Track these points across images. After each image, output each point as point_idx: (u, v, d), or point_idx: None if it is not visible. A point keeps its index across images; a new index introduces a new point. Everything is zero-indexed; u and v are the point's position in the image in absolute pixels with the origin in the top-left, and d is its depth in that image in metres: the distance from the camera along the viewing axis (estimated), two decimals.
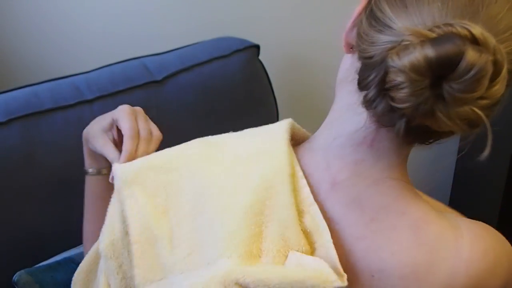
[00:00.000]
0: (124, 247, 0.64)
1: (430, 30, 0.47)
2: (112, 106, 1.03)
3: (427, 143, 0.56)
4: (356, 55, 0.56)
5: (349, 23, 0.58)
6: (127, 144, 0.69)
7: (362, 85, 0.52)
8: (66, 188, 0.98)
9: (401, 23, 0.50)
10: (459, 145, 1.70)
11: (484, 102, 0.47)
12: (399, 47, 0.47)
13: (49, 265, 0.90)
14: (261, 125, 0.68)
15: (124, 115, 0.72)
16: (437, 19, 0.49)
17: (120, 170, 0.65)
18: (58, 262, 0.91)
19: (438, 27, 0.47)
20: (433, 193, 1.75)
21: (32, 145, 0.94)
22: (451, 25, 0.46)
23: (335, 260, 0.54)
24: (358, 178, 0.57)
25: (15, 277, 0.87)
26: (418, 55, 0.45)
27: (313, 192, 0.58)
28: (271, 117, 1.24)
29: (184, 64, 1.11)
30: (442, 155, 1.72)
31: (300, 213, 0.56)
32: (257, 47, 1.21)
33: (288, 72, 1.44)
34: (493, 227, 0.59)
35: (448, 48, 0.45)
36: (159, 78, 1.08)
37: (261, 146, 0.62)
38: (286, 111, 1.32)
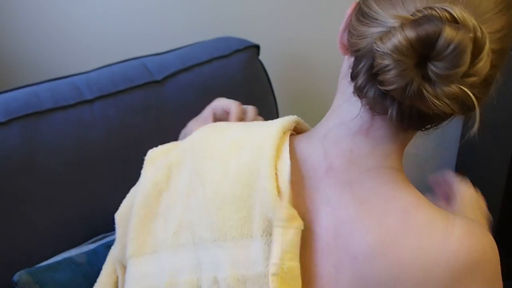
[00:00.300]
0: (128, 219, 0.72)
1: (412, 15, 0.50)
2: (112, 106, 1.03)
3: (424, 129, 0.58)
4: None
5: (341, 25, 0.61)
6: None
7: (353, 75, 0.56)
8: (66, 188, 0.98)
9: (387, 14, 0.53)
10: (459, 145, 1.70)
11: (470, 80, 0.50)
12: (383, 33, 0.51)
13: (49, 265, 0.90)
14: None
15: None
16: (419, 6, 0.52)
17: (148, 153, 0.75)
18: (58, 262, 0.91)
19: (419, 11, 0.50)
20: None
21: (32, 145, 0.94)
22: (431, 8, 0.49)
23: (295, 249, 0.57)
24: (352, 165, 0.59)
25: (15, 277, 0.87)
26: (399, 37, 0.49)
27: (307, 175, 0.60)
28: (271, 117, 1.23)
29: (184, 64, 1.11)
30: (442, 155, 1.72)
31: (280, 193, 0.59)
32: (257, 47, 1.21)
33: (288, 72, 1.44)
34: (494, 226, 0.59)
35: (427, 28, 0.48)
36: (159, 78, 1.08)
37: (255, 133, 0.65)
38: (286, 111, 1.32)
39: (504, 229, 1.45)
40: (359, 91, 0.55)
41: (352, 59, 0.58)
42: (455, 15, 0.48)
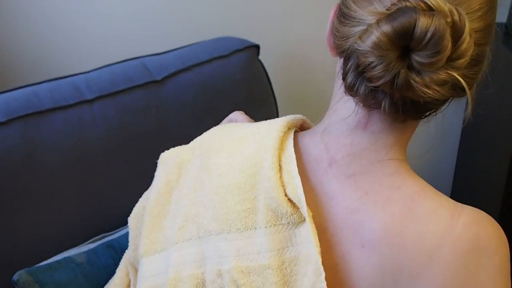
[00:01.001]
0: (141, 220, 0.74)
1: (387, 9, 0.51)
2: (112, 106, 1.03)
3: (423, 117, 0.58)
4: None
5: (327, 28, 0.62)
6: None
7: (343, 75, 0.56)
8: (66, 188, 0.98)
9: (365, 11, 0.54)
10: (459, 145, 1.70)
11: (456, 63, 0.50)
12: (361, 32, 0.52)
13: (49, 265, 0.90)
14: None
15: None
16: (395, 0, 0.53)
17: (160, 156, 0.76)
18: (58, 262, 0.91)
19: (394, 4, 0.51)
20: None
21: (32, 145, 0.94)
22: (405, 0, 0.50)
23: (313, 238, 0.57)
24: (354, 157, 0.59)
25: (15, 276, 0.87)
26: (377, 33, 0.49)
27: (310, 168, 0.61)
28: (271, 117, 1.23)
29: (184, 64, 1.12)
30: (442, 155, 1.72)
31: (284, 184, 0.59)
32: (257, 47, 1.21)
33: (288, 72, 1.44)
34: (497, 222, 0.59)
35: (401, 20, 0.49)
36: (159, 78, 1.08)
37: (261, 127, 0.66)
38: (286, 111, 1.32)
39: (505, 229, 1.45)
40: (350, 90, 0.56)
41: (341, 59, 0.59)
42: (428, 2, 0.49)
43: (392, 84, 0.51)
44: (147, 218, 0.71)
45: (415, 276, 0.55)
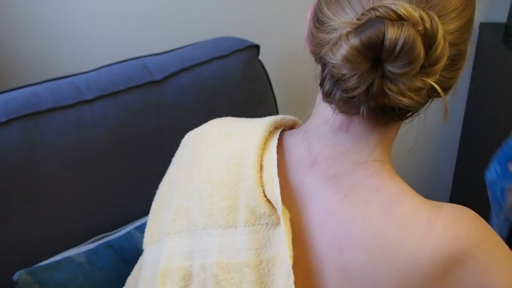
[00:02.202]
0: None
1: (358, 19, 0.50)
2: (112, 106, 1.03)
3: (403, 119, 0.57)
4: None
5: (305, 31, 0.62)
6: None
7: (320, 82, 0.55)
8: (66, 188, 0.98)
9: (337, 19, 0.53)
10: (459, 145, 1.70)
11: (432, 69, 0.49)
12: (332, 44, 0.50)
13: (48, 265, 0.90)
14: None
15: None
16: (365, 5, 0.52)
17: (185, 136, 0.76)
18: (58, 262, 0.91)
19: (363, 14, 0.50)
20: (433, 193, 1.75)
21: (32, 145, 0.94)
22: (374, 9, 0.49)
23: (285, 240, 0.57)
24: (336, 158, 0.59)
25: (15, 276, 0.87)
26: (346, 47, 0.48)
27: (292, 168, 0.61)
28: None
29: (184, 64, 1.11)
30: (442, 155, 1.72)
31: (264, 184, 0.59)
32: (257, 47, 1.21)
33: (288, 72, 1.44)
34: (479, 216, 0.57)
35: (369, 33, 0.47)
36: (159, 78, 1.08)
37: (250, 123, 0.66)
38: (286, 111, 1.31)
39: None
40: (327, 97, 0.55)
41: (319, 65, 0.58)
42: (398, 11, 0.48)
43: (367, 94, 0.51)
44: (152, 209, 0.74)
45: (398, 283, 0.54)
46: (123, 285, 0.83)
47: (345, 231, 0.56)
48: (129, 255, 0.96)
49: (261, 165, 0.60)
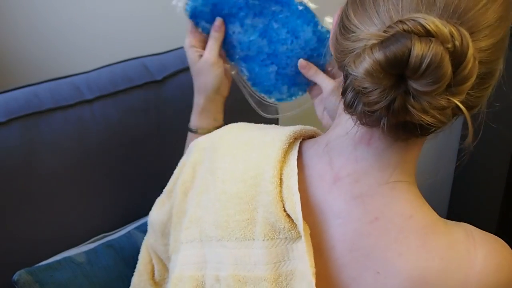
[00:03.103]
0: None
1: (385, 31, 0.48)
2: (112, 106, 1.03)
3: (426, 135, 0.55)
4: None
5: (331, 33, 0.59)
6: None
7: (342, 92, 0.53)
8: (66, 188, 0.98)
9: (364, 28, 0.51)
10: (459, 145, 1.70)
11: (458, 89, 0.47)
12: (355, 55, 0.48)
13: (49, 265, 0.90)
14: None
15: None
16: (394, 16, 0.50)
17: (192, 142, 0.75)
18: (58, 262, 0.91)
19: (390, 27, 0.47)
20: (434, 193, 1.75)
21: (32, 145, 0.94)
22: (402, 22, 0.46)
23: (307, 257, 0.56)
24: (359, 175, 0.57)
25: (15, 276, 0.87)
26: (370, 61, 0.46)
27: (314, 183, 0.59)
28: (271, 117, 1.23)
29: (184, 64, 1.11)
30: (442, 155, 1.72)
31: (283, 199, 0.58)
32: None
33: None
34: (493, 227, 0.59)
35: (394, 48, 0.45)
36: (159, 78, 1.08)
37: (267, 134, 0.64)
38: (286, 111, 1.32)
39: (504, 229, 1.45)
40: (348, 108, 0.53)
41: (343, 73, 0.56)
42: (427, 26, 0.45)
43: (388, 109, 0.49)
44: (172, 218, 0.72)
45: None
46: (123, 285, 0.83)
47: (380, 254, 0.56)
48: (129, 255, 0.96)
49: (280, 178, 0.59)
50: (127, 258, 0.95)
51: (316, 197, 0.59)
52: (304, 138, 0.64)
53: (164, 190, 0.78)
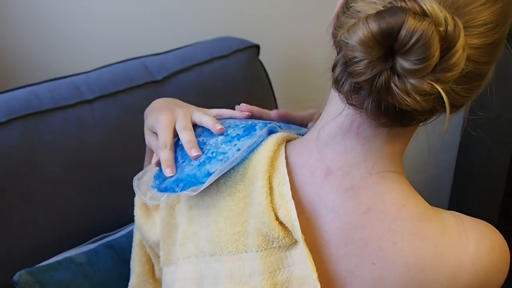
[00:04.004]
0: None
1: (384, 6, 0.49)
2: (112, 106, 1.03)
3: (406, 125, 0.56)
4: None
5: (334, 12, 0.60)
6: (160, 155, 0.68)
7: (332, 67, 0.55)
8: (66, 188, 0.98)
9: (365, 4, 0.52)
10: (459, 145, 1.70)
11: (443, 75, 0.48)
12: (351, 24, 0.49)
13: (49, 265, 0.90)
14: None
15: (161, 127, 0.69)
16: None
17: None
18: (58, 262, 0.91)
19: (390, 2, 0.49)
20: (433, 193, 1.75)
21: (32, 145, 0.94)
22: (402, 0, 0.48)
23: (309, 263, 0.56)
24: (350, 167, 0.58)
25: (15, 277, 0.87)
26: (364, 29, 0.48)
27: (306, 181, 0.60)
28: None
29: (184, 64, 1.11)
30: (442, 154, 1.72)
31: (276, 208, 0.58)
32: (257, 47, 1.21)
33: (288, 72, 1.44)
34: (493, 225, 0.60)
35: (389, 20, 0.47)
36: (159, 78, 1.08)
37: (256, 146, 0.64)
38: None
39: (504, 228, 1.45)
40: (336, 83, 0.54)
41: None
42: (424, 6, 0.47)
43: (372, 83, 0.50)
44: (162, 231, 0.70)
45: None
46: (123, 285, 0.83)
47: (375, 245, 0.56)
48: (129, 255, 0.95)
49: (270, 187, 0.59)
50: (127, 258, 0.95)
51: (308, 195, 0.60)
52: (288, 141, 0.64)
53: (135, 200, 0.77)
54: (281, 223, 0.58)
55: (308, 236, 0.58)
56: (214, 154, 0.63)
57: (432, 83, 0.48)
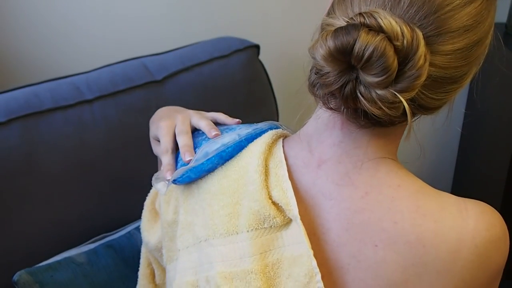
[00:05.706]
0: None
1: (347, 21, 0.52)
2: (112, 106, 1.03)
3: (391, 126, 0.57)
4: None
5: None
6: (162, 160, 0.71)
7: (310, 69, 0.57)
8: (66, 188, 0.98)
9: (339, 15, 0.55)
10: (459, 145, 1.70)
11: (406, 86, 0.50)
12: (314, 41, 0.52)
13: (49, 265, 0.90)
14: None
15: (162, 134, 0.72)
16: (361, 9, 0.53)
17: None
18: (58, 262, 0.91)
19: (352, 18, 0.51)
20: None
21: (32, 145, 0.94)
22: (361, 14, 0.50)
23: (305, 240, 0.57)
24: (341, 157, 0.59)
25: (15, 277, 0.87)
26: (324, 47, 0.50)
27: (300, 171, 0.61)
28: (271, 117, 1.24)
29: (184, 64, 1.12)
30: (442, 154, 1.72)
31: (270, 187, 0.59)
32: (257, 47, 1.21)
33: (288, 72, 1.44)
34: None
35: (342, 38, 0.49)
36: (159, 78, 1.08)
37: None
38: (286, 111, 1.32)
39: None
40: (311, 87, 0.56)
41: None
42: (380, 22, 0.49)
43: (340, 93, 0.52)
44: (165, 229, 0.72)
45: (442, 272, 0.56)
46: (123, 285, 0.83)
47: (376, 227, 0.57)
48: (129, 255, 0.96)
49: (266, 170, 0.60)
50: (127, 258, 0.95)
51: (304, 184, 0.60)
52: (285, 137, 0.66)
53: (145, 204, 0.79)
54: (274, 202, 0.59)
55: (307, 226, 0.58)
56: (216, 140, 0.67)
57: (396, 93, 0.50)
